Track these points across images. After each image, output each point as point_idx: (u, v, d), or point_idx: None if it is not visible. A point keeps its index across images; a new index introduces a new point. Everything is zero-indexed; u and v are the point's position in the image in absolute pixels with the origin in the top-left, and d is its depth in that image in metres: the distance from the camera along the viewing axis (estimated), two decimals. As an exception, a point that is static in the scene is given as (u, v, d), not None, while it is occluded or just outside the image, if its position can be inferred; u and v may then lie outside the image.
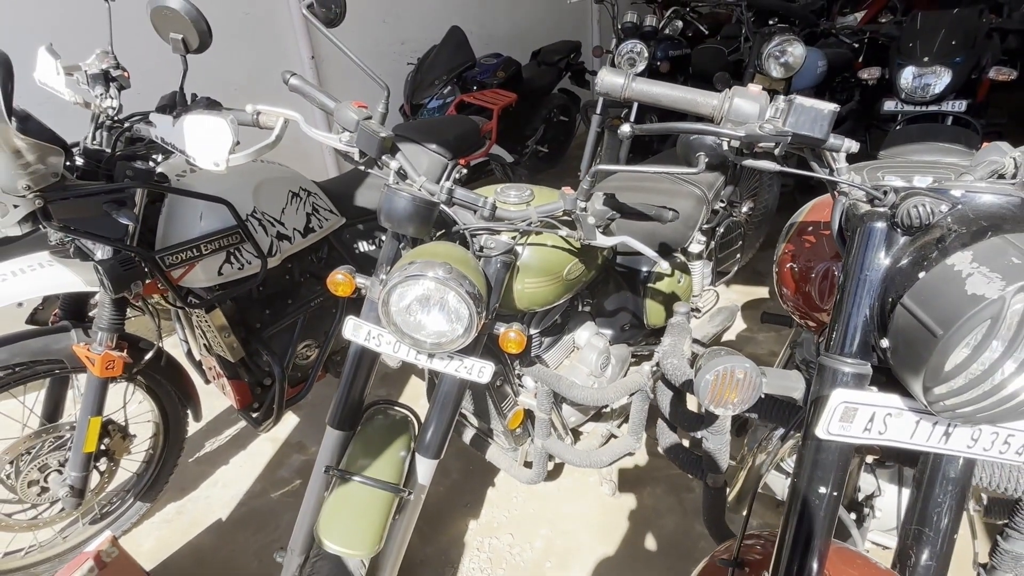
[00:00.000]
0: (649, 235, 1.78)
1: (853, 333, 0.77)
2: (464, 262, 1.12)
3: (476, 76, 4.00)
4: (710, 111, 0.85)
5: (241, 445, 2.29)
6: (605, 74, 0.86)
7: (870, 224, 0.76)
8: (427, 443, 1.27)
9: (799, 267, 1.08)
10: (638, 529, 1.82)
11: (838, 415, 0.73)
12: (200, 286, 1.67)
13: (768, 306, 2.91)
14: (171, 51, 1.29)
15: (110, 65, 1.58)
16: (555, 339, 1.68)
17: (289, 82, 1.26)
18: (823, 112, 0.78)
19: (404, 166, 1.22)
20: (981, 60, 2.64)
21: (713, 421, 1.19)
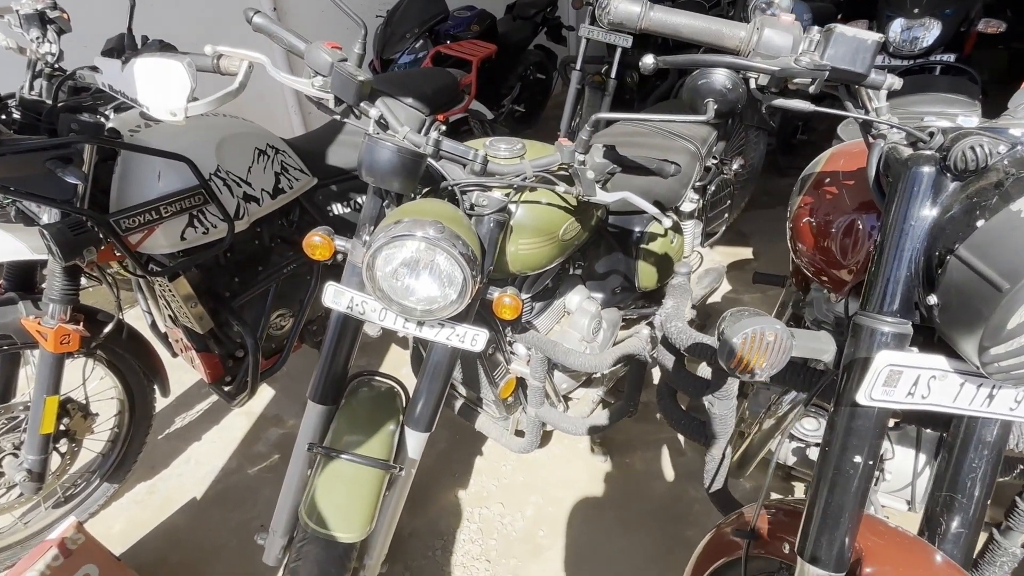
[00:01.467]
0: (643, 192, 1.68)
1: (894, 289, 0.71)
2: (456, 220, 1.02)
3: (449, 30, 3.81)
4: (737, 43, 0.76)
5: (214, 420, 2.18)
6: (619, 1, 0.76)
7: (916, 169, 0.69)
8: (417, 416, 1.19)
9: (818, 221, 1.01)
10: (630, 494, 1.79)
11: (882, 379, 0.67)
12: (161, 252, 1.54)
13: (753, 267, 2.88)
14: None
15: (46, 5, 1.41)
16: (546, 304, 1.60)
17: (253, 20, 1.12)
18: (866, 43, 0.70)
19: (385, 115, 1.10)
20: (970, 12, 2.59)
21: (720, 386, 1.14)
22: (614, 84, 3.34)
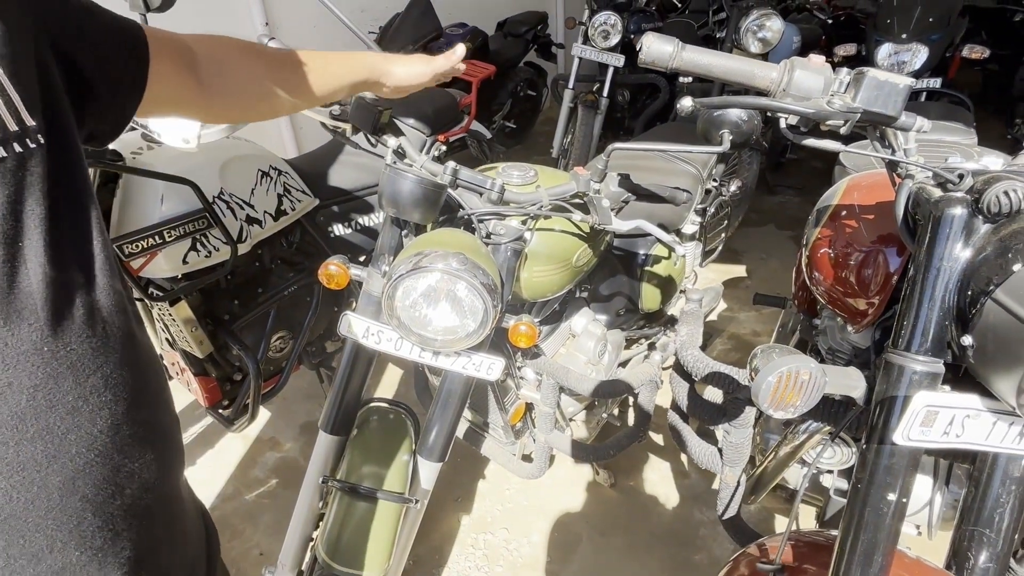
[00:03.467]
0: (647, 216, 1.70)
1: (927, 329, 0.72)
2: (476, 251, 1.02)
3: (442, 47, 3.80)
4: (767, 84, 0.77)
5: (208, 443, 2.13)
6: (652, 41, 0.77)
7: (947, 210, 0.70)
8: (431, 445, 1.17)
9: (836, 253, 1.02)
10: (636, 518, 1.78)
11: (919, 419, 0.68)
12: (163, 276, 1.51)
13: (747, 284, 2.91)
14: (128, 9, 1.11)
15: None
16: (553, 327, 1.60)
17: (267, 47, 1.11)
18: (898, 87, 0.71)
19: (404, 144, 1.10)
20: (955, 38, 2.66)
21: (737, 414, 1.14)
22: (606, 103, 3.38)
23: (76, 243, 0.53)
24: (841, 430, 0.86)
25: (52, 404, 0.48)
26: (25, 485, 0.47)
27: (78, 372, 0.50)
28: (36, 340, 0.47)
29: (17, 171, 0.47)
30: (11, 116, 0.47)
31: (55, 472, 0.48)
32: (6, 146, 0.46)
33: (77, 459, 0.50)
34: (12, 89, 0.47)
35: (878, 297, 0.94)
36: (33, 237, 0.47)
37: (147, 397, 0.59)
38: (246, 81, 0.81)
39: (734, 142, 1.08)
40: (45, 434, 0.48)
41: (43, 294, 0.48)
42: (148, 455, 0.58)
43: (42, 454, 0.48)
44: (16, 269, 0.46)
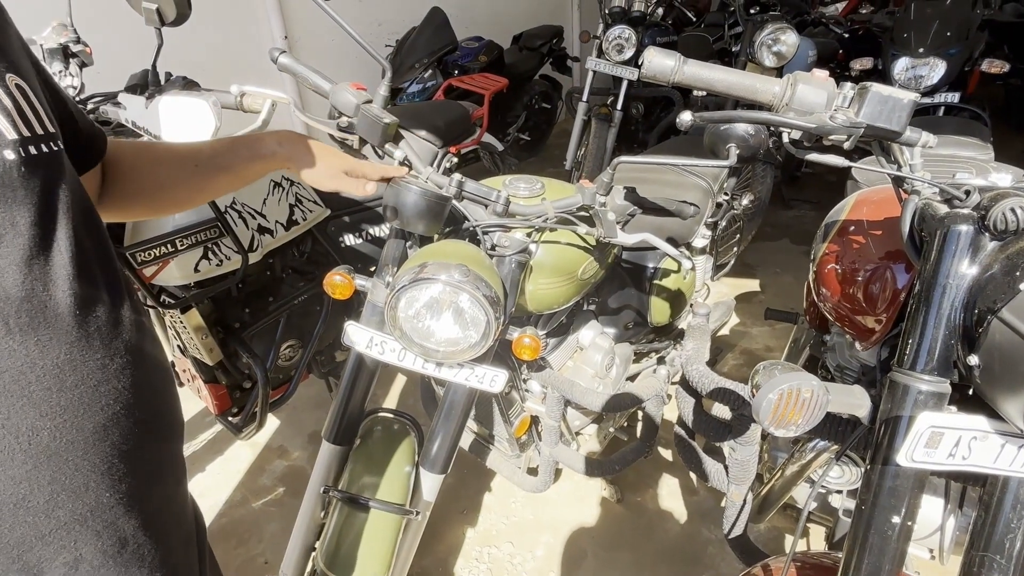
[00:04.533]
0: (656, 229, 1.69)
1: (932, 347, 0.70)
2: (479, 262, 1.02)
3: (457, 60, 3.86)
4: (770, 98, 0.77)
5: (217, 450, 2.15)
6: (654, 55, 0.77)
7: (953, 227, 0.69)
8: (433, 457, 1.17)
9: (844, 269, 1.01)
10: (642, 534, 1.76)
11: (923, 440, 0.66)
12: (175, 284, 1.53)
13: (760, 299, 2.88)
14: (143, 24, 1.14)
15: (69, 39, 1.42)
16: (559, 340, 1.59)
17: (278, 60, 1.13)
18: (902, 102, 0.70)
19: (409, 156, 1.11)
20: (973, 52, 2.63)
21: (743, 431, 1.12)
22: (620, 116, 3.38)
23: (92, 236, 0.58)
24: (846, 449, 0.84)
25: (85, 359, 0.54)
26: (67, 427, 0.53)
27: (104, 336, 0.56)
28: (71, 305, 0.53)
29: (49, 166, 0.53)
30: (37, 121, 0.53)
31: (89, 418, 0.54)
32: (39, 145, 0.52)
33: (107, 409, 0.56)
34: (36, 100, 0.54)
35: (885, 314, 0.92)
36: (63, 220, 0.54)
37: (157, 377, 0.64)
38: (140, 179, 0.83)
39: (741, 156, 1.07)
40: (81, 384, 0.54)
41: (73, 268, 0.54)
42: (159, 427, 0.63)
43: (79, 401, 0.54)
44: (52, 245, 0.52)
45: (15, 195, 0.50)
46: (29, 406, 0.51)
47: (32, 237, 0.51)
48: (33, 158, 0.51)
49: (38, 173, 0.52)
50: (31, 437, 0.51)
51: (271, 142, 0.95)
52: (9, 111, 0.50)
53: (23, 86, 0.53)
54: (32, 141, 0.52)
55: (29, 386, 0.51)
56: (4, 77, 0.51)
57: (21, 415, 0.50)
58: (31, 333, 0.50)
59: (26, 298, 0.50)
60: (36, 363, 0.51)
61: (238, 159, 0.92)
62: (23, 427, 0.51)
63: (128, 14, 1.26)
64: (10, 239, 0.49)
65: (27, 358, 0.50)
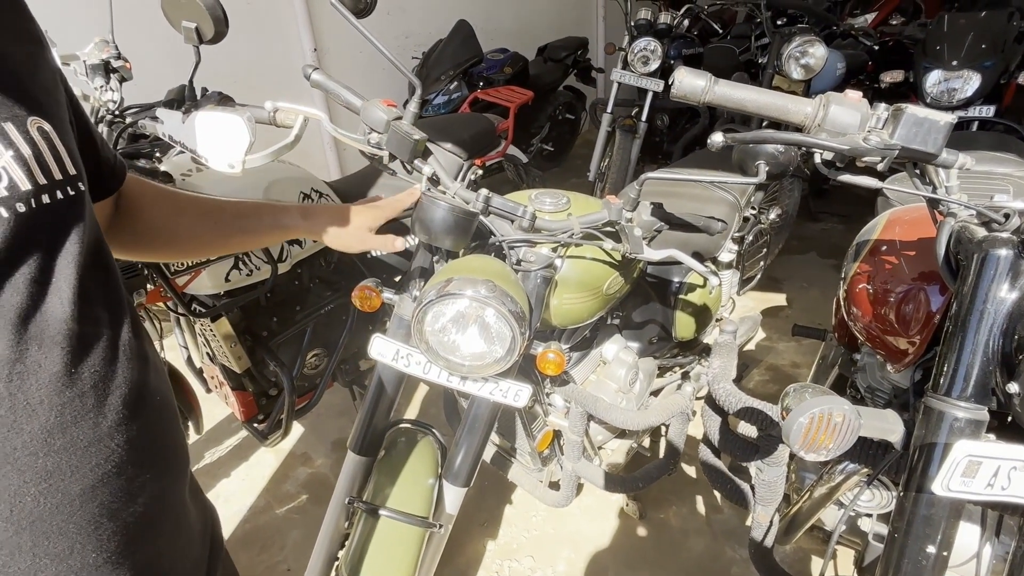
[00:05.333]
0: (682, 244, 1.69)
1: (969, 374, 0.69)
2: (505, 278, 1.02)
3: (483, 72, 3.89)
4: (802, 119, 0.76)
5: (243, 456, 2.18)
6: (684, 75, 0.77)
7: (992, 251, 0.67)
8: (456, 470, 1.17)
9: (875, 289, 0.99)
10: (665, 552, 1.74)
11: (960, 469, 0.65)
12: (206, 293, 1.57)
13: (787, 314, 2.84)
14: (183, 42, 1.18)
15: (111, 55, 1.47)
16: (583, 354, 1.58)
17: (312, 77, 1.16)
18: (938, 124, 0.69)
19: (438, 171, 1.12)
20: (1010, 65, 2.57)
21: (771, 451, 1.11)
22: (644, 127, 3.37)
23: (99, 274, 0.58)
24: (879, 474, 0.82)
25: (76, 420, 0.53)
26: (51, 492, 0.51)
27: (100, 392, 0.55)
28: (67, 363, 0.52)
29: (61, 214, 0.53)
30: (58, 167, 0.53)
31: (77, 481, 0.53)
32: (54, 192, 0.52)
33: (96, 470, 0.54)
34: (59, 142, 0.53)
35: (919, 336, 0.91)
36: (67, 272, 0.53)
37: (158, 414, 0.63)
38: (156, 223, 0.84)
39: (770, 173, 1.07)
40: (70, 447, 0.52)
41: (72, 323, 0.53)
42: (160, 467, 0.62)
43: (66, 464, 0.52)
44: (50, 300, 0.51)
45: (21, 250, 0.49)
46: (13, 472, 0.49)
47: (30, 296, 0.50)
48: (46, 207, 0.51)
49: (49, 223, 0.51)
50: (13, 503, 0.50)
51: (296, 214, 0.97)
52: (26, 159, 0.50)
53: (46, 129, 0.52)
54: (48, 188, 0.51)
55: (14, 452, 0.49)
56: (26, 122, 0.51)
57: (4, 481, 0.49)
58: (20, 396, 0.49)
59: (18, 359, 0.49)
60: (23, 428, 0.49)
61: (261, 225, 0.94)
62: (6, 493, 0.49)
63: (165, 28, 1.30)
64: (7, 297, 0.48)
65: (14, 423, 0.49)
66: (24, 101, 0.51)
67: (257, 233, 0.95)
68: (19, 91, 0.51)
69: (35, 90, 0.54)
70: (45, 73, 0.57)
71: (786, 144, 0.75)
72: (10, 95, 0.50)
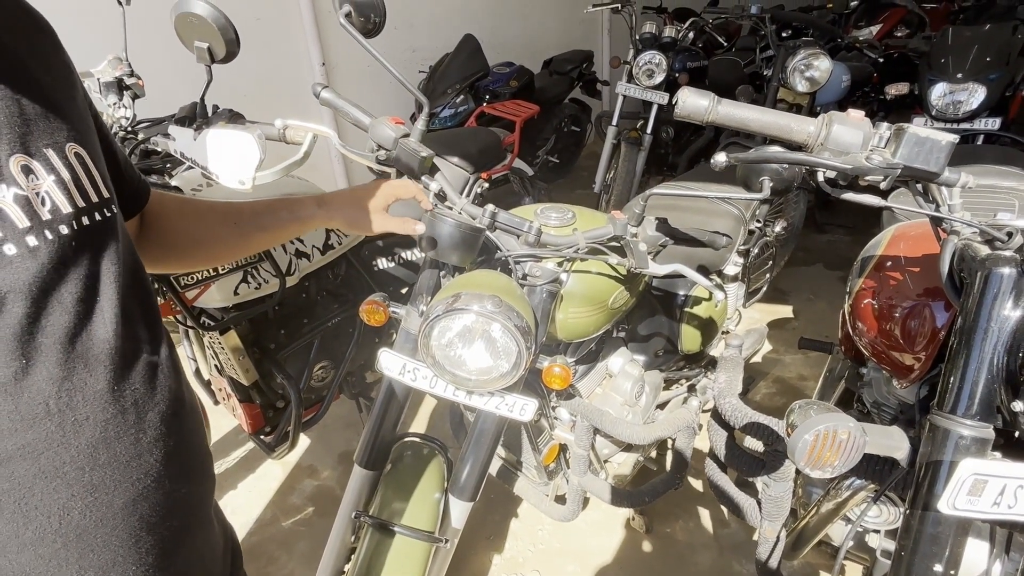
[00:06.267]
0: (687, 258, 1.69)
1: (974, 391, 0.69)
2: (511, 293, 1.03)
3: (489, 85, 3.92)
4: (804, 138, 0.77)
5: (249, 468, 2.19)
6: (688, 96, 0.78)
7: (995, 269, 0.68)
8: (462, 484, 1.18)
9: (880, 305, 0.99)
10: (672, 567, 1.73)
11: (966, 488, 0.65)
12: (215, 307, 1.58)
13: (793, 326, 2.83)
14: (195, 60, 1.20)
15: (124, 73, 1.50)
16: (589, 367, 1.59)
17: (321, 96, 1.17)
18: (940, 143, 0.70)
19: (444, 187, 1.13)
20: (1015, 77, 2.58)
21: (777, 467, 1.11)
22: (649, 140, 3.39)
23: (138, 294, 0.60)
24: (885, 491, 0.82)
25: (119, 436, 0.55)
26: (96, 505, 0.53)
27: (140, 408, 0.57)
28: (109, 380, 0.54)
29: (100, 235, 0.55)
30: (94, 190, 0.55)
31: (120, 495, 0.55)
32: (92, 214, 0.54)
33: (137, 484, 0.56)
34: (93, 166, 0.56)
35: (924, 352, 0.91)
36: (109, 292, 0.55)
37: (192, 432, 0.65)
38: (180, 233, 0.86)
39: (775, 189, 1.07)
40: (113, 461, 0.54)
41: (115, 341, 0.55)
42: (193, 483, 0.64)
43: (110, 479, 0.54)
44: (95, 320, 0.53)
45: (66, 271, 0.51)
46: (63, 486, 0.51)
47: (77, 315, 0.51)
48: (86, 228, 0.53)
49: (90, 244, 0.53)
50: (62, 516, 0.51)
51: (311, 204, 0.98)
52: (67, 183, 0.52)
53: (82, 154, 0.55)
54: (87, 211, 0.54)
55: (63, 466, 0.51)
56: (64, 148, 0.53)
57: (54, 495, 0.51)
58: (68, 413, 0.51)
59: (66, 378, 0.51)
60: (71, 443, 0.51)
61: (278, 220, 0.96)
62: (55, 507, 0.51)
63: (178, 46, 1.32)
64: (56, 317, 0.50)
65: (63, 438, 0.51)
66: (61, 127, 0.54)
67: (275, 229, 0.96)
68: (57, 118, 0.54)
69: (71, 116, 0.56)
70: (78, 99, 0.59)
71: (789, 163, 0.76)
72: (49, 122, 0.53)
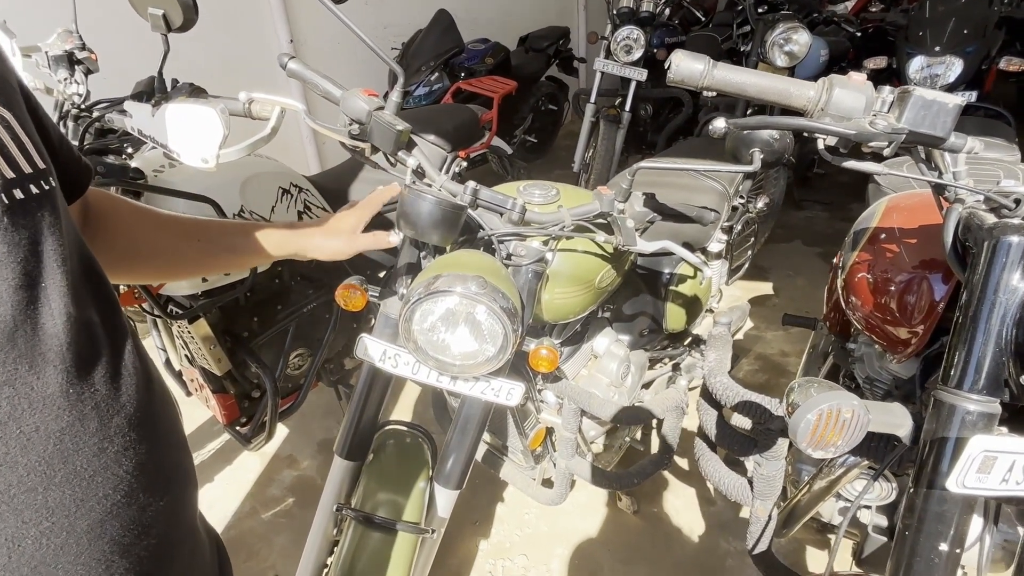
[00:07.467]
0: (672, 234, 1.66)
1: (980, 365, 0.66)
2: (495, 273, 0.99)
3: (464, 62, 3.83)
4: (804, 103, 0.73)
5: (226, 460, 2.12)
6: (682, 59, 0.73)
7: (1003, 238, 0.65)
8: (448, 472, 1.14)
9: (875, 278, 0.97)
10: (659, 547, 1.72)
11: (975, 465, 0.62)
12: (182, 294, 1.51)
13: (774, 302, 2.84)
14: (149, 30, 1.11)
15: (74, 46, 1.40)
16: (574, 348, 1.55)
17: (288, 67, 1.10)
18: (947, 106, 0.66)
19: (423, 163, 1.07)
20: (991, 50, 2.58)
21: (769, 445, 1.09)
22: (628, 117, 3.35)
23: (90, 282, 0.52)
24: (885, 469, 0.80)
25: (79, 447, 0.47)
26: (55, 531, 0.46)
27: (103, 413, 0.49)
28: (62, 383, 0.46)
29: (37, 211, 0.46)
30: (26, 160, 0.46)
31: (83, 516, 0.47)
32: (26, 186, 0.46)
33: (104, 501, 0.49)
34: (24, 135, 0.47)
35: (922, 326, 0.89)
36: (55, 278, 0.46)
37: (167, 434, 0.58)
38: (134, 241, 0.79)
39: (765, 161, 1.04)
40: (73, 478, 0.47)
41: (67, 336, 0.46)
42: (172, 492, 0.57)
43: (70, 498, 0.47)
44: (40, 311, 0.45)
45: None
46: (9, 512, 0.44)
47: (16, 306, 0.43)
48: (20, 204, 0.45)
49: (25, 223, 0.45)
50: (12, 548, 0.44)
51: (284, 230, 0.95)
52: None
53: (8, 119, 0.46)
54: (19, 183, 0.45)
55: (10, 488, 0.43)
56: None
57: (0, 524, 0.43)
58: (12, 425, 0.43)
59: (7, 383, 0.43)
60: (18, 460, 0.44)
61: (249, 243, 0.90)
62: (2, 536, 0.43)
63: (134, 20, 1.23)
64: None
65: (7, 456, 0.43)
66: None
67: (242, 252, 0.91)
68: None
69: None
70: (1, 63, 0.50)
71: (790, 129, 0.72)
72: None
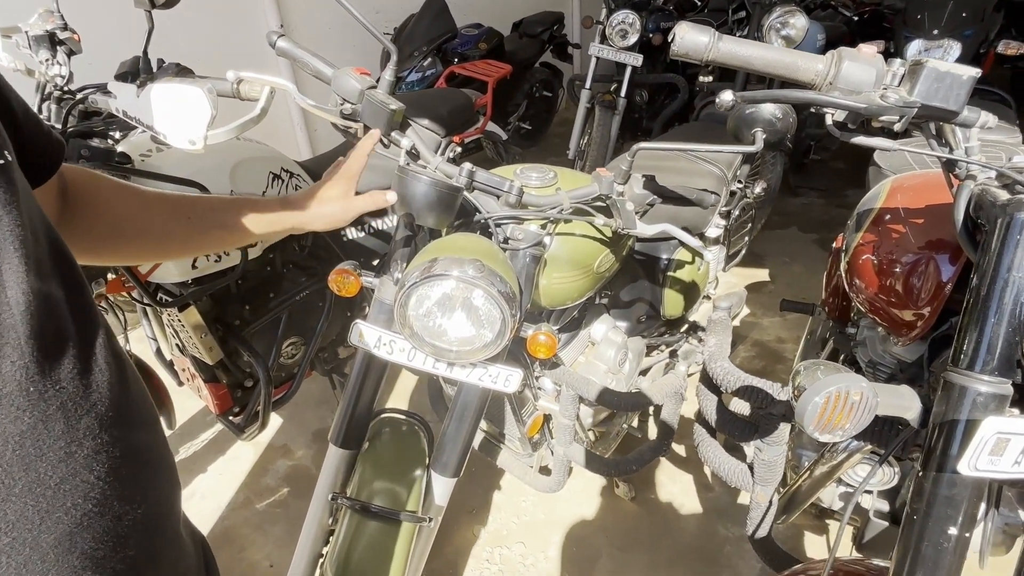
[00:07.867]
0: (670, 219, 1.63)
1: (992, 346, 0.65)
2: (493, 257, 0.96)
3: (457, 48, 3.78)
4: (812, 77, 0.71)
5: (219, 450, 2.10)
6: (686, 31, 0.71)
7: (1017, 215, 0.63)
8: (445, 460, 1.12)
9: (880, 260, 0.95)
10: (657, 533, 1.71)
11: (988, 448, 0.61)
12: (172, 282, 1.48)
13: (771, 289, 2.83)
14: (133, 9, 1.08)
15: (56, 26, 1.35)
16: (572, 335, 1.54)
17: (276, 44, 1.07)
18: (961, 79, 0.64)
19: (417, 144, 1.04)
20: (989, 33, 2.56)
21: (771, 430, 1.07)
22: (624, 103, 3.31)
23: (57, 268, 0.47)
24: (890, 454, 0.79)
25: (42, 452, 0.42)
26: (16, 547, 0.41)
27: (69, 413, 0.44)
28: (21, 380, 0.41)
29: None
30: None
31: (49, 529, 0.43)
32: None
33: (73, 512, 0.44)
34: None
35: (928, 308, 0.87)
36: (11, 262, 0.41)
37: (144, 432, 0.53)
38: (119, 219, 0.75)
39: (767, 141, 1.02)
40: (36, 487, 0.42)
41: (26, 327, 0.41)
42: (151, 497, 0.52)
43: (33, 510, 0.42)
44: None
45: None
46: None
47: None
48: None
49: None
50: None
51: (275, 205, 0.91)
52: None
53: None
54: None
55: None
56: None
57: None
58: None
59: None
60: None
61: (240, 220, 0.86)
62: None
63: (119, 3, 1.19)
64: None
65: None
66: None
67: (234, 228, 0.87)
68: None
69: None
70: None
71: (799, 102, 0.70)
72: None
